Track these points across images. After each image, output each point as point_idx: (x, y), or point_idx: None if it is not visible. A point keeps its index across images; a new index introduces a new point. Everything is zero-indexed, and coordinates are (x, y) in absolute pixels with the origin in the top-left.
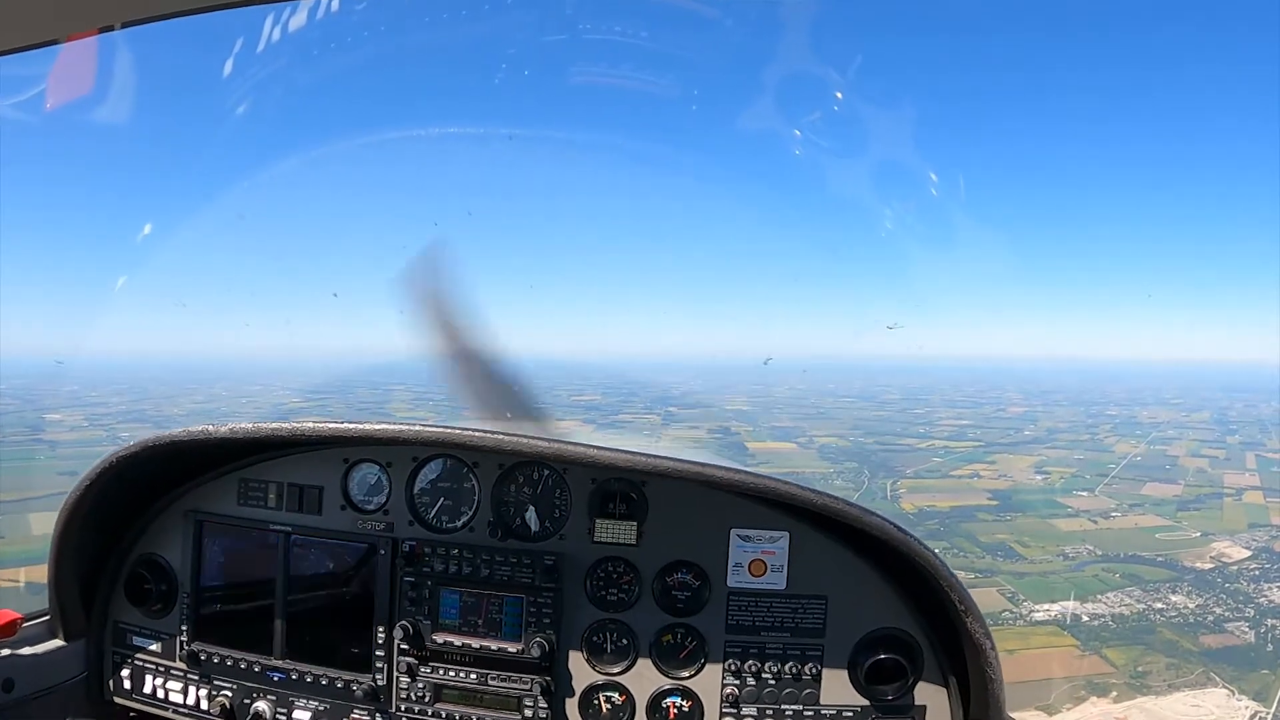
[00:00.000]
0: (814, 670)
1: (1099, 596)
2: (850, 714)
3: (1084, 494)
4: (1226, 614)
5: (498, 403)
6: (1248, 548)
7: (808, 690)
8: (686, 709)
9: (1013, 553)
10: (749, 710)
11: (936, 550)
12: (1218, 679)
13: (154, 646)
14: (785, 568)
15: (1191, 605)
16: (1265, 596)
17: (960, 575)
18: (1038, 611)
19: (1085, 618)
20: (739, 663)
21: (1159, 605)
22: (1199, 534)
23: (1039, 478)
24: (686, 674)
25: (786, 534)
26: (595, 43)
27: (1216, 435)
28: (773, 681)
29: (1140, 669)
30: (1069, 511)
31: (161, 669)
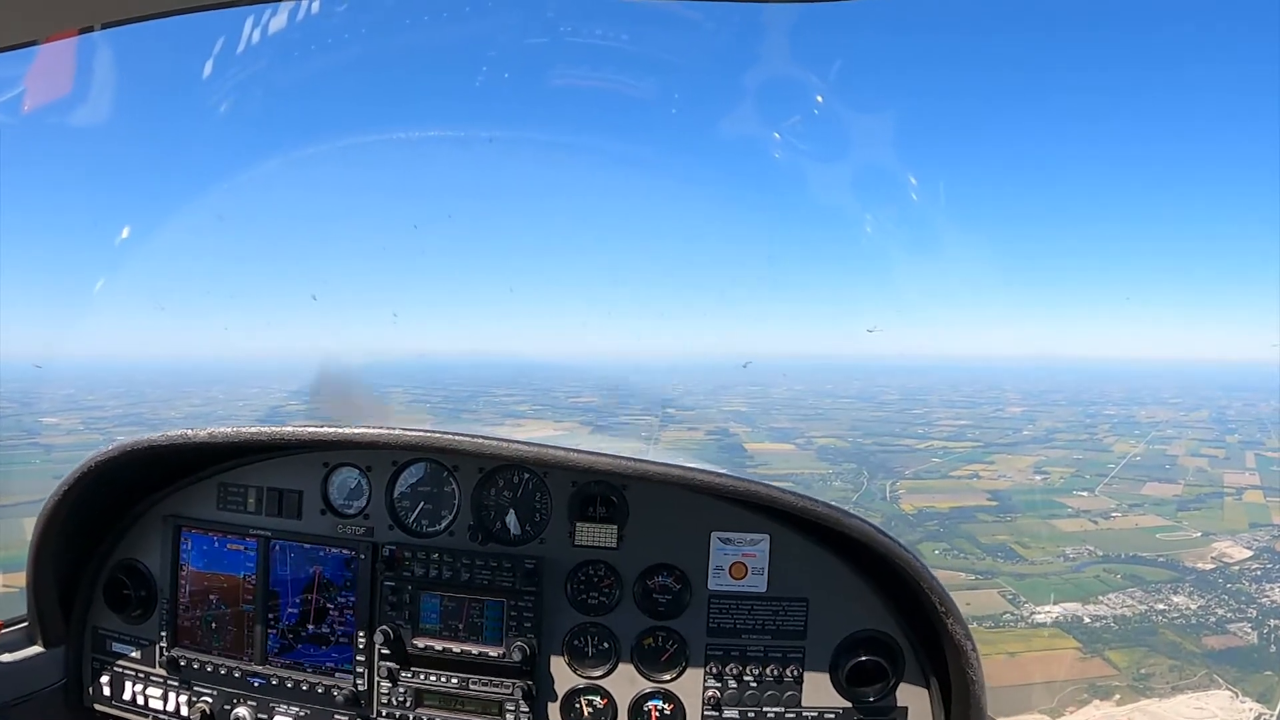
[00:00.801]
0: (795, 672)
1: (1100, 598)
2: (831, 716)
3: (1084, 494)
4: (1229, 615)
5: None
6: (1249, 548)
7: (789, 692)
8: (668, 712)
9: (1013, 554)
10: (730, 713)
11: (936, 551)
12: (1221, 681)
13: (133, 653)
14: (766, 570)
15: (1194, 606)
16: (1268, 597)
17: (961, 576)
18: (1039, 613)
19: (1087, 619)
20: (720, 665)
21: (1161, 606)
22: (1200, 534)
23: (1038, 478)
24: (668, 677)
25: (767, 536)
26: (577, 46)
27: (1215, 434)
28: (754, 684)
29: (1143, 671)
30: (1069, 512)
31: (141, 675)
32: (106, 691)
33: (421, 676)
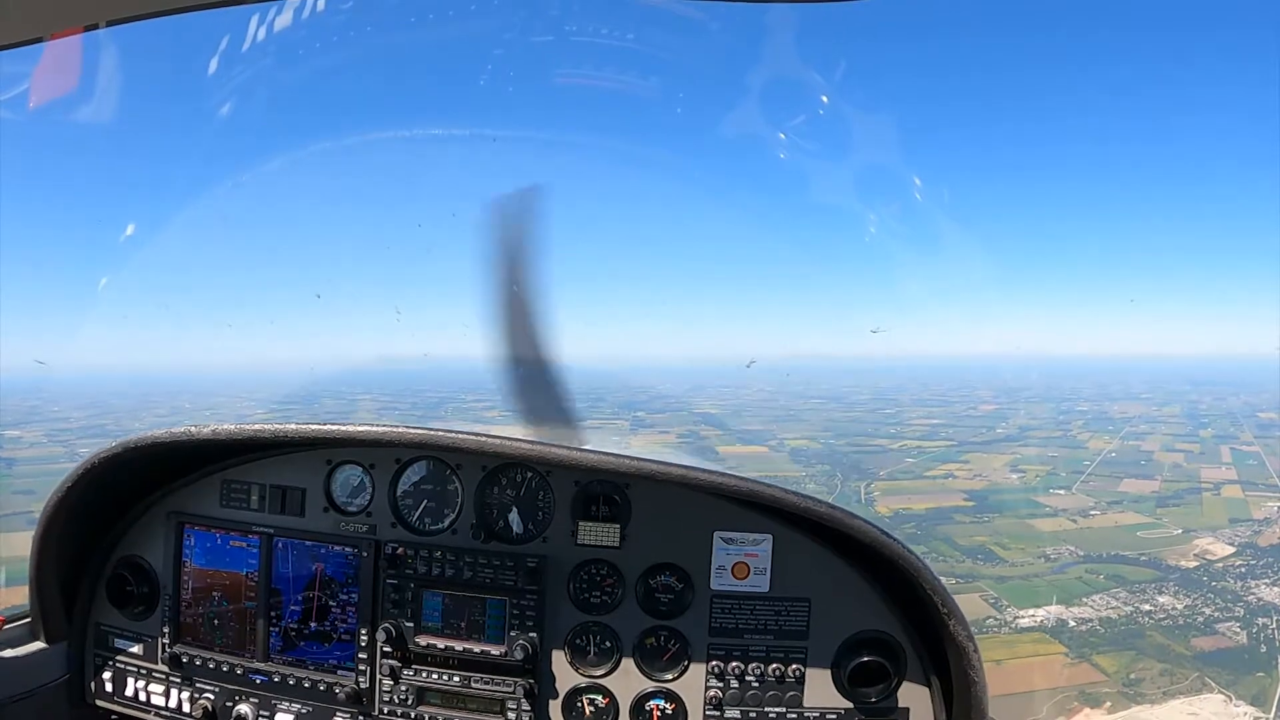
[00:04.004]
0: (797, 672)
1: (1084, 599)
2: (833, 716)
3: (1061, 492)
4: (1216, 614)
5: (548, 411)
6: (1231, 544)
7: (791, 692)
8: (670, 711)
9: (993, 555)
10: (732, 712)
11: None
12: (1213, 684)
13: (136, 649)
14: (768, 570)
15: (1180, 606)
16: (1254, 594)
17: (943, 582)
18: (1023, 618)
19: (1072, 622)
20: (722, 665)
21: (1147, 607)
22: (1180, 530)
23: (1014, 476)
24: (670, 676)
25: (770, 536)
26: (581, 44)
27: (1188, 429)
28: (756, 684)
29: (1133, 676)
30: (1047, 511)
31: (143, 671)
32: (109, 688)
33: (423, 674)
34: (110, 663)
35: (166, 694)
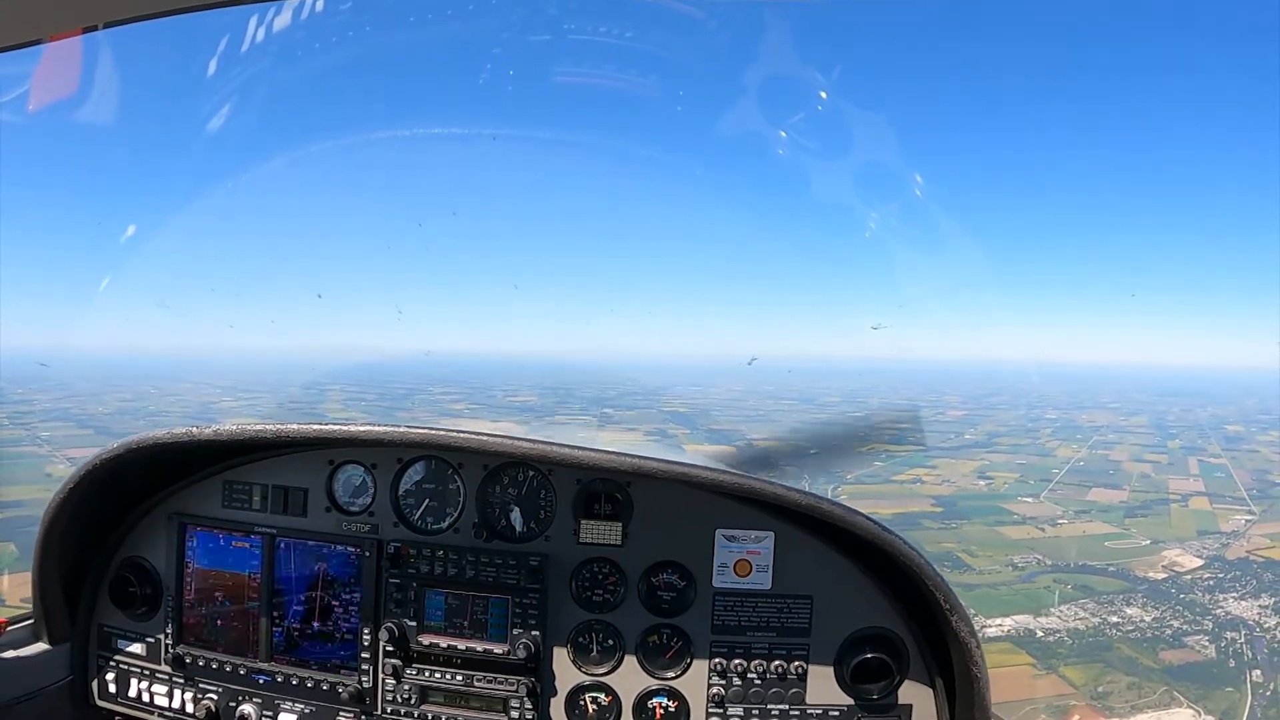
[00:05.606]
0: (800, 669)
1: (1052, 610)
2: (836, 713)
3: (1029, 500)
4: (1185, 627)
5: None
6: (1199, 556)
7: (793, 690)
8: (673, 709)
9: (960, 562)
10: (735, 710)
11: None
12: (1182, 699)
13: (139, 650)
14: (770, 568)
15: (1148, 618)
16: (1222, 608)
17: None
18: (990, 626)
19: (1039, 633)
20: (725, 662)
21: (1114, 619)
22: (1149, 541)
23: (982, 483)
24: (672, 674)
25: (771, 534)
26: (579, 43)
27: (1156, 440)
28: (758, 681)
29: (1101, 689)
30: (1015, 518)
31: (146, 672)
32: (112, 689)
33: (426, 673)
34: (113, 664)
35: (170, 695)
